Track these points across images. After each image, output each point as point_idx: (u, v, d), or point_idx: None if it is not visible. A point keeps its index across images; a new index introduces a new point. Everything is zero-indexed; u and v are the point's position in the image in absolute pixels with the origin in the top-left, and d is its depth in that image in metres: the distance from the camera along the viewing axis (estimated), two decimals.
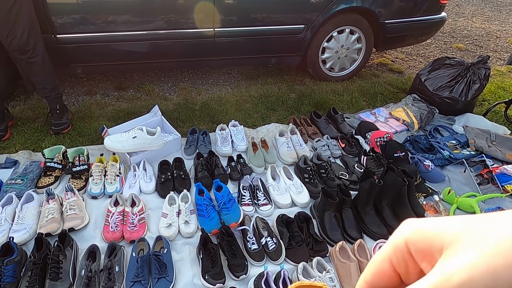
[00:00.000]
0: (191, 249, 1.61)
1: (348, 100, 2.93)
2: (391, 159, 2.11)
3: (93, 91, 2.89)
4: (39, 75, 2.16)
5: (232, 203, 1.76)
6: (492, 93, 3.17)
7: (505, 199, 1.99)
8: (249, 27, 2.71)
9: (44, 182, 1.86)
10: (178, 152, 2.21)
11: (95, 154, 2.09)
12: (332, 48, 3.03)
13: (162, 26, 2.52)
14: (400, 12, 2.99)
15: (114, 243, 1.54)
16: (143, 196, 1.88)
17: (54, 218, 1.62)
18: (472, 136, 2.36)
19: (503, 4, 6.12)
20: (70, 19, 2.34)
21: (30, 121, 2.41)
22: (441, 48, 4.23)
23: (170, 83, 3.10)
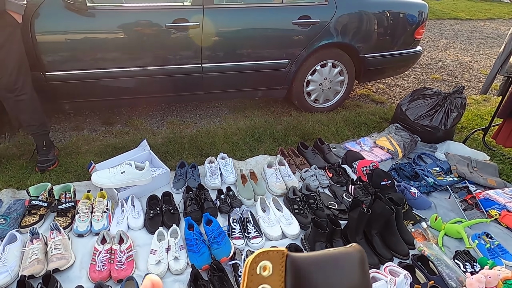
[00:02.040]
0: (181, 286, 1.57)
1: (334, 130, 3.00)
2: (378, 188, 2.15)
3: (80, 126, 2.89)
4: (26, 112, 2.16)
5: (223, 237, 1.74)
6: (470, 120, 3.31)
7: (490, 224, 2.04)
8: (236, 62, 2.80)
9: (28, 221, 1.81)
10: (167, 186, 2.20)
11: (82, 191, 2.06)
12: (316, 81, 3.14)
13: (150, 62, 2.59)
14: (379, 47, 3.16)
15: (101, 283, 1.49)
16: (131, 232, 1.84)
17: (38, 259, 1.57)
18: (454, 163, 2.44)
19: (473, 37, 6.53)
20: (59, 56, 2.39)
21: (15, 158, 2.38)
22: (419, 79, 4.44)
23: (158, 117, 3.13)
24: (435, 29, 6.88)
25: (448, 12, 8.35)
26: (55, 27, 2.32)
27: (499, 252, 1.82)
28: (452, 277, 1.62)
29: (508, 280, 1.56)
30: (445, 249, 1.86)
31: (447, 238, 1.94)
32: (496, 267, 1.67)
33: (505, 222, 2.02)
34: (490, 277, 1.53)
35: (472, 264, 1.72)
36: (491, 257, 1.79)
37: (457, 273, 1.64)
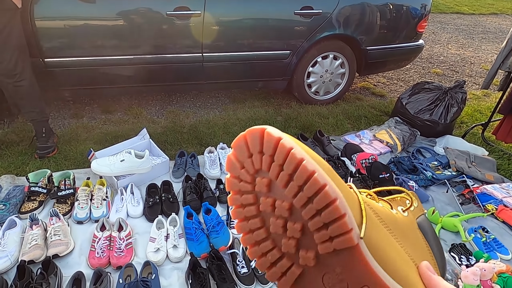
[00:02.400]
0: (179, 274, 1.58)
1: (334, 123, 3.00)
2: (377, 180, 2.16)
3: (80, 114, 2.88)
4: (25, 99, 2.15)
5: (221, 226, 1.75)
6: (470, 115, 3.32)
7: (487, 218, 2.06)
8: (237, 53, 2.78)
9: (27, 207, 1.82)
10: (166, 175, 2.20)
11: (81, 178, 2.06)
12: (317, 73, 3.13)
13: (150, 50, 2.57)
14: (381, 40, 3.14)
15: (100, 269, 1.50)
16: (131, 220, 1.85)
17: (37, 245, 1.57)
18: (453, 157, 2.45)
19: (475, 32, 6.49)
20: (58, 43, 2.36)
21: (14, 145, 2.37)
22: (420, 73, 4.43)
23: (158, 106, 3.12)
24: (437, 23, 6.84)
25: (451, 6, 8.28)
26: (55, 12, 2.29)
27: (494, 246, 1.84)
28: (447, 269, 1.64)
29: (503, 273, 1.58)
30: (442, 242, 1.88)
31: (443, 231, 1.96)
32: (491, 260, 1.69)
33: (502, 216, 2.04)
34: (485, 270, 1.55)
35: (468, 257, 1.75)
36: (487, 250, 1.81)
37: (453, 265, 1.67)
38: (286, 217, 0.39)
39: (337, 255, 0.37)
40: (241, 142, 0.41)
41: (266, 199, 0.40)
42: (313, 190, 0.36)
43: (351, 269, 0.37)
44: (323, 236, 0.37)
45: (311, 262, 0.39)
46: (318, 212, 0.37)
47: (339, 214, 0.36)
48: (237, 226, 0.44)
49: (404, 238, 0.44)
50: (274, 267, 0.42)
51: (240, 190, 0.42)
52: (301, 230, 0.38)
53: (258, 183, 0.40)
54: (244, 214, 0.42)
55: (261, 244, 0.42)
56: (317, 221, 0.37)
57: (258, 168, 0.40)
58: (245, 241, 0.43)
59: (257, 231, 0.42)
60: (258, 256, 0.42)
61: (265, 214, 0.41)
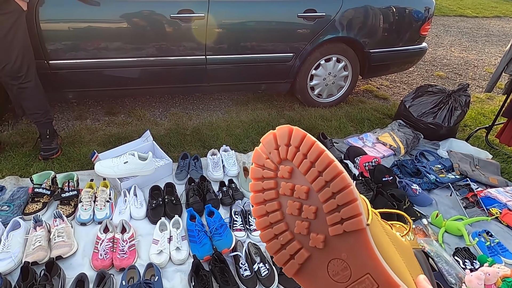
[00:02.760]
0: (182, 276, 1.58)
1: (336, 126, 3.00)
2: (380, 183, 2.15)
3: (84, 116, 2.89)
4: (30, 100, 2.16)
5: (224, 229, 1.75)
6: (473, 119, 3.30)
7: (491, 222, 2.04)
8: (240, 55, 2.79)
9: (31, 209, 1.82)
10: (169, 177, 2.21)
11: (85, 180, 2.07)
12: (320, 76, 3.13)
13: (154, 53, 2.58)
14: (384, 42, 3.14)
15: (103, 271, 1.50)
16: (134, 222, 1.85)
17: (41, 246, 1.58)
18: (456, 161, 2.44)
19: (478, 35, 6.48)
20: (63, 45, 2.38)
21: (18, 146, 2.38)
22: (423, 76, 4.42)
23: (161, 109, 3.13)
24: (441, 26, 6.83)
25: (454, 9, 8.28)
26: (60, 15, 2.31)
27: (499, 250, 1.82)
28: (451, 273, 1.63)
29: (507, 278, 1.57)
30: (445, 246, 1.87)
31: (447, 235, 1.95)
32: (495, 264, 1.68)
33: (506, 220, 2.03)
34: (489, 275, 1.54)
35: (472, 261, 1.74)
36: (491, 255, 1.80)
37: (457, 269, 1.66)
38: (303, 200, 0.44)
39: (345, 239, 0.42)
40: (270, 136, 0.47)
41: (287, 184, 0.45)
42: (331, 175, 0.42)
43: (356, 255, 0.41)
44: (335, 217, 0.42)
45: (320, 245, 0.43)
46: (333, 195, 0.42)
47: (352, 198, 0.41)
48: (254, 210, 0.48)
49: (403, 253, 0.48)
50: (284, 249, 0.45)
51: (262, 177, 0.47)
52: (315, 212, 0.43)
53: (281, 170, 0.46)
54: (263, 198, 0.47)
55: (274, 226, 0.46)
56: (332, 203, 0.42)
57: (284, 157, 0.46)
58: (260, 224, 0.47)
59: (273, 213, 0.46)
60: (270, 238, 0.46)
61: (282, 198, 0.46)
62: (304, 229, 0.44)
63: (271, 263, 1.65)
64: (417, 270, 0.50)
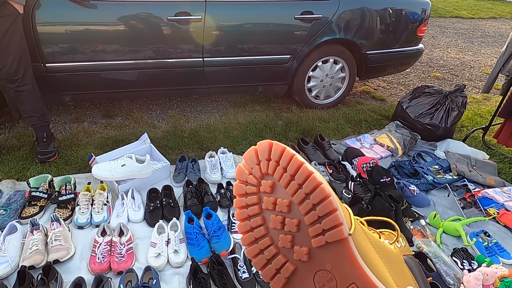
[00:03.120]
0: (180, 279, 1.58)
1: (334, 127, 3.01)
2: (378, 185, 2.16)
3: (81, 118, 2.88)
4: (27, 103, 2.15)
5: (222, 231, 1.75)
6: (470, 119, 3.32)
7: (489, 222, 2.05)
8: (237, 57, 2.79)
9: (28, 212, 1.81)
10: (167, 179, 2.20)
11: (82, 183, 2.06)
12: (317, 77, 3.14)
13: (151, 55, 2.58)
14: (381, 44, 3.15)
15: (101, 275, 1.49)
16: (131, 225, 1.85)
17: (38, 250, 1.57)
18: (454, 161, 2.45)
19: (474, 36, 6.51)
20: (59, 48, 2.37)
21: (15, 150, 2.37)
22: (420, 77, 4.44)
23: (158, 111, 3.12)
24: (437, 27, 6.87)
25: (450, 10, 8.33)
26: (57, 18, 2.30)
27: (496, 250, 1.83)
28: (449, 274, 1.63)
29: (505, 278, 1.57)
30: (443, 246, 1.87)
31: (445, 235, 1.95)
32: (493, 265, 1.68)
33: (503, 220, 2.03)
34: (487, 275, 1.54)
35: (470, 262, 1.74)
36: (489, 255, 1.80)
37: (455, 270, 1.66)
38: (285, 213, 0.45)
39: (328, 250, 0.42)
40: (251, 152, 0.49)
41: (269, 198, 0.46)
42: (311, 186, 0.42)
43: (340, 265, 0.42)
44: (317, 229, 0.42)
45: (304, 257, 0.43)
46: (314, 207, 0.42)
47: (332, 208, 0.42)
48: (239, 226, 0.49)
49: (389, 262, 0.48)
50: (270, 264, 0.46)
51: (246, 192, 0.48)
52: (298, 225, 0.44)
53: (263, 185, 0.47)
54: (247, 213, 0.48)
55: (259, 241, 0.47)
56: (313, 215, 0.42)
57: (265, 172, 0.47)
58: (245, 240, 0.48)
59: (257, 228, 0.47)
60: (256, 254, 0.47)
61: (266, 213, 0.47)
62: (288, 242, 0.44)
63: None
64: (405, 278, 0.50)
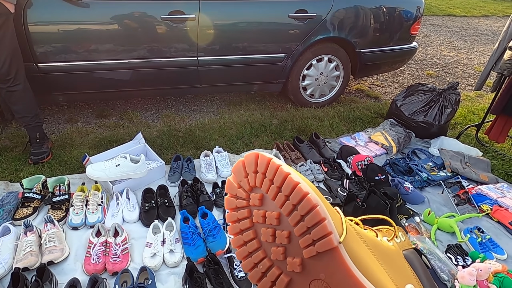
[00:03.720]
0: (176, 279, 1.57)
1: (329, 125, 3.01)
2: (373, 182, 2.17)
3: (74, 119, 2.86)
4: (19, 104, 2.13)
5: (218, 230, 1.74)
6: (463, 117, 3.34)
7: (482, 218, 2.07)
8: (232, 56, 2.79)
9: (21, 214, 1.79)
10: (162, 179, 2.19)
11: (76, 184, 2.05)
12: (312, 76, 3.14)
13: (145, 54, 2.56)
14: (375, 42, 3.16)
15: (96, 275, 1.48)
16: (126, 225, 1.84)
17: (32, 252, 1.56)
18: (447, 158, 2.47)
19: (467, 34, 6.56)
20: (52, 47, 2.35)
21: (8, 150, 2.35)
22: (414, 75, 4.46)
23: (153, 110, 3.11)
24: (430, 26, 6.91)
25: (443, 9, 8.38)
26: (49, 17, 2.28)
27: (490, 246, 1.85)
28: (444, 270, 1.64)
29: (499, 273, 1.59)
30: (438, 243, 1.89)
31: (439, 232, 1.96)
32: (487, 260, 1.70)
33: (497, 217, 2.05)
34: (481, 270, 1.56)
35: (464, 258, 1.75)
36: (483, 251, 1.82)
37: (449, 266, 1.67)
38: (275, 226, 0.45)
39: (320, 259, 0.42)
40: (239, 166, 0.49)
41: (258, 211, 0.46)
42: (298, 197, 0.42)
43: (333, 274, 0.42)
44: (307, 240, 0.42)
45: (297, 268, 0.43)
46: (302, 218, 0.43)
47: (320, 218, 0.42)
48: (233, 241, 0.50)
49: (387, 262, 0.48)
50: (265, 277, 0.46)
51: (236, 207, 0.49)
52: (288, 237, 0.44)
53: (252, 198, 0.47)
54: (239, 228, 0.49)
55: (253, 255, 0.47)
56: (302, 226, 0.43)
57: (253, 185, 0.47)
58: (240, 254, 0.49)
59: (250, 242, 0.48)
60: (250, 267, 0.48)
61: (257, 226, 0.47)
62: (280, 254, 0.45)
63: None
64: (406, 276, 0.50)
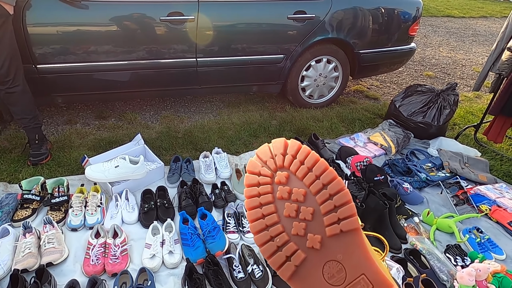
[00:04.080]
0: (176, 280, 1.57)
1: (328, 126, 3.02)
2: (372, 183, 2.17)
3: (73, 120, 2.86)
4: (18, 105, 2.13)
5: (217, 231, 1.75)
6: (462, 117, 3.35)
7: (481, 218, 2.07)
8: (231, 57, 2.79)
9: (20, 215, 1.79)
10: (161, 180, 2.19)
11: (75, 185, 2.05)
12: (310, 77, 3.14)
13: (144, 56, 2.57)
14: (374, 43, 3.17)
15: (95, 277, 1.48)
16: (126, 226, 1.84)
17: (31, 253, 1.55)
18: (446, 159, 2.47)
19: (466, 35, 6.58)
20: (51, 49, 2.35)
21: (7, 152, 2.34)
22: (413, 75, 4.47)
23: (152, 112, 3.11)
24: (429, 26, 6.93)
25: (442, 10, 8.40)
26: (48, 18, 2.28)
27: (489, 246, 1.85)
28: (443, 270, 1.65)
29: (498, 273, 1.59)
30: (437, 243, 1.89)
31: (438, 232, 1.97)
32: (486, 260, 1.70)
33: (495, 217, 2.06)
34: (480, 271, 1.56)
35: (463, 258, 1.76)
36: (481, 251, 1.82)
37: (448, 266, 1.67)
38: (300, 202, 0.46)
39: (341, 240, 0.44)
40: (265, 148, 0.50)
41: (284, 187, 0.47)
42: (328, 178, 0.45)
43: (351, 255, 0.43)
44: (332, 217, 0.44)
45: (317, 245, 0.44)
46: (331, 197, 0.45)
47: (348, 198, 0.44)
48: (249, 214, 0.48)
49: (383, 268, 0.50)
50: (280, 251, 0.46)
51: (258, 183, 0.49)
52: (312, 213, 0.45)
53: (278, 176, 0.48)
54: (259, 201, 0.48)
55: (270, 228, 0.47)
56: (329, 204, 0.44)
57: (280, 165, 0.49)
58: (255, 227, 0.48)
59: (269, 216, 0.48)
60: (265, 241, 0.47)
61: (279, 202, 0.48)
62: (302, 229, 0.45)
63: (265, 265, 1.65)
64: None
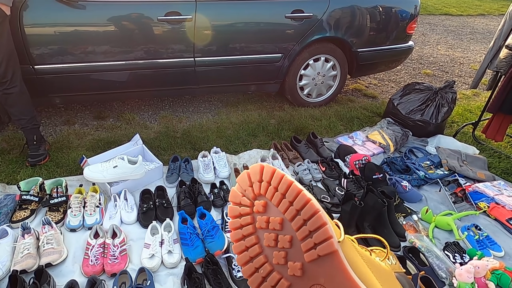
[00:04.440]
0: (175, 280, 1.57)
1: (326, 125, 3.02)
2: (370, 181, 2.17)
3: (72, 120, 2.85)
4: (16, 106, 2.13)
5: (216, 231, 1.75)
6: (460, 115, 3.36)
7: (479, 216, 2.08)
8: (229, 56, 2.79)
9: (19, 216, 1.79)
10: (160, 180, 2.19)
11: (73, 185, 2.04)
12: (309, 75, 3.15)
13: (142, 56, 2.56)
14: (371, 42, 3.17)
15: (94, 277, 1.48)
16: (124, 226, 1.84)
17: (29, 254, 1.55)
18: (445, 157, 2.48)
19: (463, 33, 6.59)
20: (48, 49, 2.35)
21: (5, 153, 2.34)
22: (411, 74, 4.48)
23: (150, 112, 3.10)
24: (427, 25, 6.93)
25: (439, 8, 8.41)
26: (45, 19, 2.27)
27: (487, 243, 1.86)
28: (442, 268, 1.65)
29: (496, 270, 1.59)
30: (435, 240, 1.89)
31: (437, 230, 1.97)
32: (484, 258, 1.70)
33: (494, 214, 2.06)
34: (479, 268, 1.56)
35: (462, 255, 1.76)
36: (480, 248, 1.83)
37: (447, 264, 1.68)
38: (278, 230, 0.47)
39: (321, 264, 0.44)
40: (244, 176, 0.51)
41: (262, 217, 0.48)
42: (301, 203, 0.45)
43: (333, 278, 0.43)
44: (309, 243, 0.44)
45: (298, 272, 0.45)
46: (305, 222, 0.45)
47: (321, 222, 0.44)
48: (234, 247, 0.51)
49: (381, 277, 0.50)
50: (265, 282, 0.48)
51: (239, 214, 0.50)
52: (290, 241, 0.46)
53: (256, 205, 0.49)
54: (241, 233, 0.50)
55: (254, 260, 0.49)
56: (304, 230, 0.45)
57: (257, 193, 0.49)
58: (241, 260, 0.50)
59: (252, 247, 0.49)
60: (251, 272, 0.49)
61: (259, 232, 0.49)
62: (282, 258, 0.46)
63: None
64: None
